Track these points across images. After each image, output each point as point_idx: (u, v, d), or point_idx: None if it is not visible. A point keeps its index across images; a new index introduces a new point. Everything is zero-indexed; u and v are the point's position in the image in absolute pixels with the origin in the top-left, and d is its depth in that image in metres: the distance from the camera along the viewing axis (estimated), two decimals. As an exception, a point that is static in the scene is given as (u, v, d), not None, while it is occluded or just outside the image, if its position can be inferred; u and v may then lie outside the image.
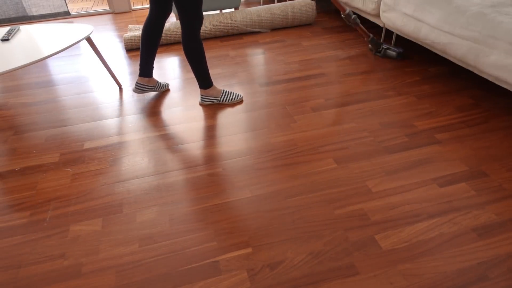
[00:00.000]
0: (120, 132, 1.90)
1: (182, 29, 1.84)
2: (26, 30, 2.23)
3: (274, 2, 3.94)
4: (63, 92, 2.32)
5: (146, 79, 2.13)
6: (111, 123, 1.98)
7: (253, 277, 1.15)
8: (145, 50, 2.04)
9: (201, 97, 2.08)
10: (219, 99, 2.08)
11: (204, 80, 2.01)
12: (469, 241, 1.22)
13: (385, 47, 2.47)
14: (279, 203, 1.41)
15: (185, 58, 2.08)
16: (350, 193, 1.44)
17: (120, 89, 2.32)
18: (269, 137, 1.80)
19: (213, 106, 2.08)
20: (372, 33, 2.95)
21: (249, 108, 2.04)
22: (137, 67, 2.59)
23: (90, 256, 1.25)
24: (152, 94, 2.24)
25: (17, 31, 2.21)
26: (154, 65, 2.59)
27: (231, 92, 2.10)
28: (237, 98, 2.09)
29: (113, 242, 1.30)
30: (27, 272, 1.21)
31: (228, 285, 1.13)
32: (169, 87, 2.29)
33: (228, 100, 2.08)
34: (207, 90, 2.05)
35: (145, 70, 2.10)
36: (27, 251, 1.28)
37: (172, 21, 3.31)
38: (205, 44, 2.90)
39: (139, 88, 2.14)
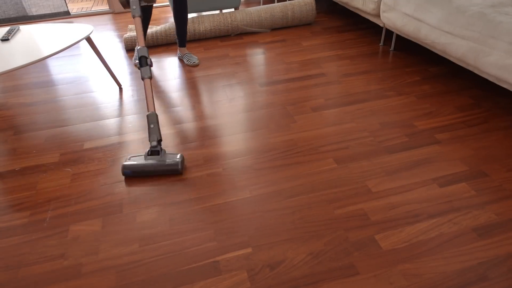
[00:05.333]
0: (120, 132, 1.90)
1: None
2: (26, 30, 2.23)
3: (274, 2, 3.94)
4: (63, 92, 2.32)
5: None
6: (111, 123, 1.98)
7: (253, 277, 1.15)
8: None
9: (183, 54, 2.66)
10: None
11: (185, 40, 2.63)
12: (469, 241, 1.22)
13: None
14: (279, 203, 1.41)
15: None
16: (350, 193, 1.44)
17: (120, 89, 2.32)
18: (269, 137, 1.79)
19: (212, 106, 2.08)
20: (372, 33, 2.95)
21: (249, 108, 2.04)
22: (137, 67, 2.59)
23: (90, 256, 1.25)
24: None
25: (17, 31, 2.21)
26: (155, 63, 2.59)
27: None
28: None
29: (113, 242, 1.30)
30: (27, 272, 1.21)
31: (228, 285, 1.13)
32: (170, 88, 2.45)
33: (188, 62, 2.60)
34: (183, 49, 2.65)
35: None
36: (27, 251, 1.28)
37: (172, 20, 3.31)
38: (205, 44, 2.90)
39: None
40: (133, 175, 1.58)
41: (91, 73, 2.55)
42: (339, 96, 2.11)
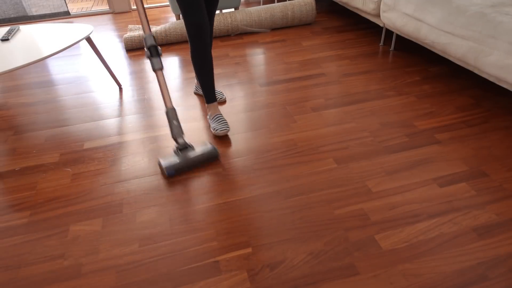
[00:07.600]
0: (120, 132, 1.90)
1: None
2: (26, 30, 2.23)
3: (274, 2, 3.94)
4: (63, 92, 2.32)
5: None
6: (111, 123, 1.98)
7: (253, 277, 1.15)
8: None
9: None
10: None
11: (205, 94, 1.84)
12: (469, 241, 1.22)
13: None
14: (279, 203, 1.41)
15: (188, 61, 2.04)
16: (350, 193, 1.44)
17: (120, 89, 2.32)
18: (269, 137, 1.79)
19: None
20: (372, 33, 2.95)
21: (249, 108, 2.04)
22: (137, 66, 2.59)
23: (90, 256, 1.25)
24: (153, 94, 2.24)
25: (17, 31, 2.21)
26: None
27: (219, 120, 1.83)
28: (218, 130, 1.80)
29: (113, 242, 1.30)
30: (27, 272, 1.20)
31: (228, 285, 1.13)
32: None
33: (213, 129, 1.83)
34: (213, 106, 1.85)
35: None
36: (27, 251, 1.28)
37: (172, 20, 3.31)
38: (205, 44, 2.90)
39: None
40: (177, 173, 1.58)
41: (91, 73, 2.55)
42: (339, 96, 2.11)
